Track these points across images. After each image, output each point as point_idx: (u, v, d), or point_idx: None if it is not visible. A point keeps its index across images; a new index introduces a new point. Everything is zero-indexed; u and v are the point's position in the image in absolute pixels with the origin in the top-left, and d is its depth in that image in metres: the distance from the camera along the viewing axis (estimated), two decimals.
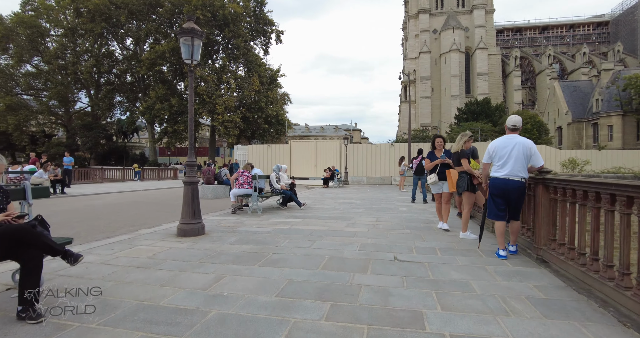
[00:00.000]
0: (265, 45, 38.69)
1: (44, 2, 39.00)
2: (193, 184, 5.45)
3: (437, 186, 6.01)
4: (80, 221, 7.01)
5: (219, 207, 9.86)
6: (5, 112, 39.74)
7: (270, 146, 26.45)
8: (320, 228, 6.01)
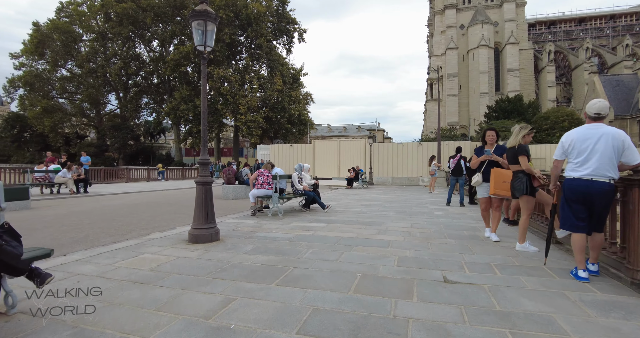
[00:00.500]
0: (287, 44, 38.38)
1: (76, 8, 40.44)
2: (206, 185, 4.88)
3: (483, 187, 5.15)
4: (92, 223, 6.64)
5: (238, 208, 9.33)
6: (42, 115, 41.53)
7: (293, 145, 25.95)
8: (348, 236, 5.29)
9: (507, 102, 45.83)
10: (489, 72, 63.90)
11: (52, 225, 6.37)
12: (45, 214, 7.75)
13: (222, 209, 9.10)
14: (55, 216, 7.49)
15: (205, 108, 4.95)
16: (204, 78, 4.96)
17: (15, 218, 7.10)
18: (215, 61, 32.73)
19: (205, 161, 4.95)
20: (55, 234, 5.59)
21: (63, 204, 9.85)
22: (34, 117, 42.50)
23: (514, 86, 62.21)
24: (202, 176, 4.90)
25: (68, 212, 8.10)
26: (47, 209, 8.67)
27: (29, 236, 5.44)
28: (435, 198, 12.29)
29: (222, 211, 8.54)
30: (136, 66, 42.53)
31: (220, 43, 31.53)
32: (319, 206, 8.07)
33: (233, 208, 9.50)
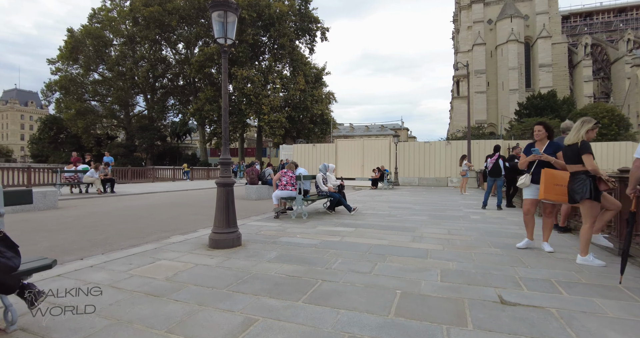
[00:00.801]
0: (310, 43, 38.12)
1: (107, 14, 41.90)
2: (227, 187, 4.57)
3: (530, 190, 4.54)
4: (113, 224, 6.51)
5: (261, 209, 9.05)
6: (75, 117, 43.37)
7: (316, 145, 25.62)
8: (379, 243, 4.83)
9: (539, 98, 43.65)
10: (519, 68, 61.20)
11: (74, 226, 6.28)
12: (70, 214, 7.74)
13: (245, 210, 8.84)
14: (78, 216, 7.46)
15: (226, 105, 4.64)
16: (225, 72, 4.65)
17: (40, 218, 7.12)
18: (239, 61, 32.93)
19: (226, 161, 4.63)
20: (75, 236, 5.46)
21: (89, 204, 9.92)
22: (69, 120, 44.48)
23: (546, 82, 59.25)
24: (223, 177, 4.59)
25: (91, 212, 8.08)
26: (72, 209, 8.71)
27: (50, 237, 5.33)
28: (468, 200, 11.56)
29: (244, 213, 8.28)
30: (162, 68, 43.61)
31: (243, 44, 31.71)
32: (345, 208, 7.63)
33: (256, 209, 9.23)
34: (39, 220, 7.00)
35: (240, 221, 6.40)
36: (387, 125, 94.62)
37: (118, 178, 22.31)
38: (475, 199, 11.92)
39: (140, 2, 36.43)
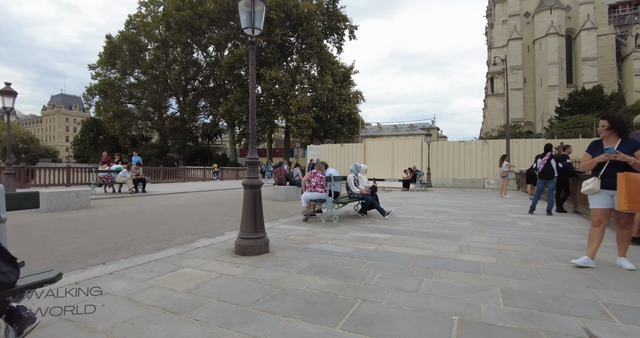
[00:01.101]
0: (338, 42, 37.65)
1: (142, 20, 43.51)
2: (254, 188, 4.23)
3: (600, 197, 3.80)
4: (140, 225, 6.39)
5: (290, 211, 8.73)
6: (113, 119, 45.40)
7: (344, 145, 25.14)
8: (422, 253, 4.32)
9: (583, 94, 40.73)
10: (559, 62, 57.57)
11: (102, 227, 6.21)
12: (101, 214, 7.76)
13: (273, 212, 8.56)
14: (108, 216, 7.44)
15: (253, 100, 4.31)
16: (252, 65, 4.32)
17: (72, 218, 7.15)
18: (267, 62, 33.07)
19: (253, 161, 4.30)
20: (101, 237, 5.34)
21: (120, 203, 10.02)
22: (107, 122, 46.65)
23: (591, 77, 55.32)
24: (250, 178, 4.26)
25: (122, 212, 8.07)
26: (104, 208, 8.77)
27: (79, 238, 5.23)
28: (510, 203, 10.68)
29: (272, 215, 7.98)
30: (194, 71, 44.73)
31: (271, 44, 31.82)
32: (378, 212, 7.13)
33: (284, 210, 8.92)
34: (72, 219, 7.04)
35: (268, 224, 6.07)
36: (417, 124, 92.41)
37: (152, 178, 22.97)
38: (518, 202, 11.02)
39: (173, 6, 37.47)
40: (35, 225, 6.27)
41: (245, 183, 4.23)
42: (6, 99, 9.91)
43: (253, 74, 4.34)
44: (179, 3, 37.27)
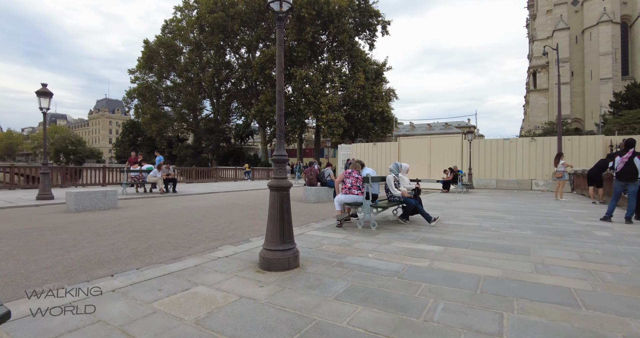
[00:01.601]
0: (370, 39, 36.55)
1: (177, 24, 44.74)
2: (282, 190, 3.56)
3: None
4: (163, 229, 5.95)
5: (321, 214, 8.05)
6: (150, 121, 47.07)
7: (376, 144, 24.13)
8: (488, 272, 3.45)
9: None
10: (613, 53, 52.83)
11: (123, 230, 5.83)
12: (124, 216, 7.47)
13: (303, 215, 7.92)
14: (131, 218, 7.12)
15: (281, 86, 3.65)
16: (280, 46, 3.67)
17: (97, 219, 6.88)
18: (298, 61, 32.68)
19: (281, 158, 3.63)
20: (119, 242, 4.91)
21: (148, 204, 9.81)
22: (145, 124, 48.47)
23: None
24: (277, 178, 3.59)
25: (146, 214, 7.75)
26: (130, 209, 8.53)
27: (94, 243, 4.84)
28: (570, 208, 9.35)
29: (302, 218, 7.34)
30: (226, 73, 45.39)
31: (302, 43, 31.39)
32: (423, 217, 6.26)
33: (315, 213, 8.26)
34: (95, 220, 6.77)
35: (297, 230, 5.43)
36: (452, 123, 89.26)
37: (186, 178, 23.24)
38: (579, 207, 9.65)
39: (206, 9, 38.10)
40: (58, 227, 6.01)
41: (272, 184, 3.58)
42: (42, 99, 10.00)
43: (281, 56, 3.68)
44: (211, 6, 37.85)
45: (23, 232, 5.53)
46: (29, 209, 8.40)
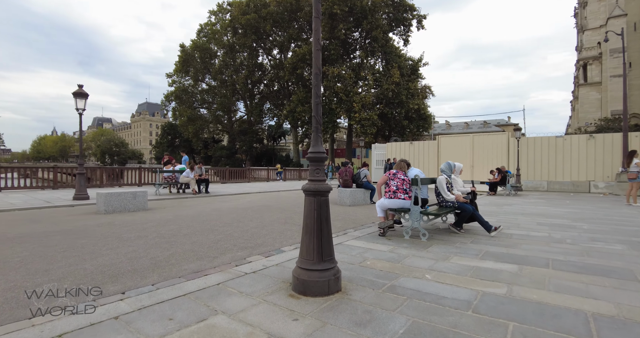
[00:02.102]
0: (404, 34, 35.18)
1: (212, 28, 45.68)
2: (320, 195, 2.89)
3: None
4: (188, 235, 5.50)
5: (359, 219, 7.33)
6: (187, 123, 48.42)
7: (413, 143, 22.94)
8: (596, 308, 2.58)
9: None
10: None
11: (147, 234, 5.44)
12: (152, 218, 7.15)
13: (339, 219, 7.23)
14: (159, 221, 6.77)
15: (318, 68, 2.99)
16: (317, 18, 3.01)
17: (123, 222, 6.60)
18: (330, 59, 32.04)
19: (318, 156, 2.96)
20: (140, 249, 4.49)
21: (179, 205, 9.54)
22: (182, 126, 49.95)
23: None
24: (313, 181, 2.93)
25: (174, 216, 7.39)
26: (160, 211, 8.25)
27: (114, 250, 4.44)
28: None
29: (339, 223, 6.65)
30: (259, 74, 45.75)
31: (335, 40, 30.73)
32: (481, 226, 5.36)
33: (352, 218, 7.54)
34: (122, 223, 6.48)
35: (334, 239, 4.74)
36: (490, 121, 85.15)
37: (221, 179, 23.36)
38: None
39: (239, 12, 38.51)
40: (83, 230, 5.74)
41: (307, 188, 2.92)
42: (78, 100, 10.05)
43: (318, 30, 3.02)
44: (244, 8, 38.20)
45: (47, 235, 5.28)
46: (62, 209, 8.37)
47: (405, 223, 5.22)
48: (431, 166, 21.26)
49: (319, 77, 2.97)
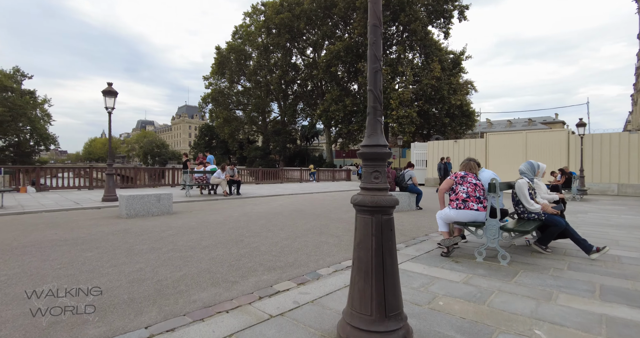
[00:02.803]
0: (445, 27, 33.08)
1: (246, 29, 45.97)
2: (382, 213, 1.88)
3: None
4: (209, 247, 4.69)
5: (406, 230, 6.21)
6: (223, 125, 49.13)
7: (458, 141, 21.19)
8: None
9: None
10: None
11: (162, 246, 4.70)
12: (173, 225, 6.46)
13: None
14: (180, 228, 6.06)
15: (377, 20, 1.98)
16: None
17: (141, 229, 5.94)
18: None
19: (377, 152, 1.94)
20: (147, 268, 3.71)
21: (205, 208, 8.89)
22: (218, 127, 50.78)
23: None
24: (370, 191, 1.93)
25: (199, 222, 6.67)
26: (184, 216, 7.59)
27: (117, 267, 3.69)
28: None
29: None
30: (293, 74, 45.41)
31: None
32: (577, 245, 4.07)
33: (399, 228, 6.42)
34: (139, 230, 5.83)
35: None
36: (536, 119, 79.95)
37: (256, 179, 22.98)
38: None
39: (273, 11, 38.29)
40: (94, 239, 5.12)
41: (361, 201, 1.91)
42: (108, 99, 9.74)
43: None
44: (278, 7, 37.93)
45: (54, 245, 4.69)
46: (87, 212, 7.98)
47: (478, 240, 4.07)
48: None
49: (378, 32, 1.97)
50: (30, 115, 50.98)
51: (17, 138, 51.42)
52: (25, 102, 49.60)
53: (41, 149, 57.79)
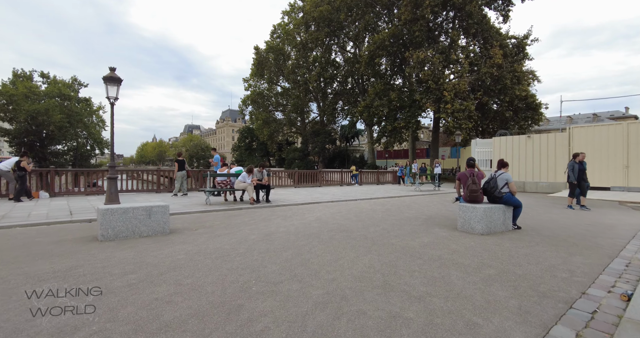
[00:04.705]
0: (504, 9, 28.91)
1: (285, 28, 44.55)
2: None
3: None
4: (168, 326, 2.42)
5: (532, 274, 3.51)
6: (262, 126, 48.17)
7: (531, 136, 17.53)
8: None
9: None
10: None
11: (118, 312, 2.52)
12: (151, 260, 4.26)
13: (498, 280, 3.48)
14: (168, 265, 3.85)
15: None
16: None
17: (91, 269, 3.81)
18: (414, 43, 27.66)
19: None
20: None
21: (216, 225, 6.72)
22: (257, 129, 49.94)
23: None
24: None
25: (190, 255, 4.41)
26: (181, 238, 5.43)
27: None
28: None
29: (504, 293, 2.95)
30: (332, 71, 43.25)
31: (420, 21, 26.27)
32: None
33: (517, 272, 3.72)
34: (93, 269, 3.71)
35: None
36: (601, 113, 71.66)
37: (294, 182, 20.97)
38: None
39: (311, 5, 36.39)
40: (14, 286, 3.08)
41: None
42: (110, 87, 8.02)
43: None
44: (317, 1, 35.95)
45: None
46: (68, 227, 6.14)
47: None
48: (559, 168, 15.77)
49: None
50: (86, 122, 53.65)
51: (75, 142, 54.31)
52: (82, 109, 52.23)
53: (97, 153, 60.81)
